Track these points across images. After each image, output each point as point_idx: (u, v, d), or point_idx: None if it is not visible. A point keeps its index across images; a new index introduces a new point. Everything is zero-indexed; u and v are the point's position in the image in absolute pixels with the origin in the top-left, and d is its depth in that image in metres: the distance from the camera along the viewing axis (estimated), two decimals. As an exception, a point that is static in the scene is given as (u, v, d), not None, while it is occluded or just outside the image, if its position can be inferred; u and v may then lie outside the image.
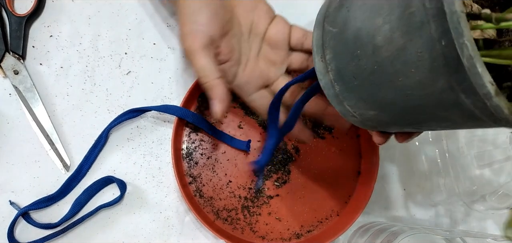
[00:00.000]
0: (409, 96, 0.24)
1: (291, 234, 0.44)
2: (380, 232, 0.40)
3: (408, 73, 0.23)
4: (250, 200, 0.44)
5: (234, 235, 0.43)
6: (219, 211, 0.44)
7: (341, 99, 0.28)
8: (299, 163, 0.46)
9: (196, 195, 0.44)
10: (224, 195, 0.44)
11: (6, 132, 0.43)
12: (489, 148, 0.45)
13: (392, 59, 0.23)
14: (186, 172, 0.44)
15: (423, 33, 0.21)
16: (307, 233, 0.45)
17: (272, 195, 0.45)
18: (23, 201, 0.42)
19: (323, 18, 0.29)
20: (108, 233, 0.43)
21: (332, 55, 0.28)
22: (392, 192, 0.48)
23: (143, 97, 0.45)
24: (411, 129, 0.29)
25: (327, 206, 0.45)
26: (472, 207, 0.45)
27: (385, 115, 0.27)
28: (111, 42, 0.46)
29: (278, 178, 0.45)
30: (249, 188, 0.44)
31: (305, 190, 0.45)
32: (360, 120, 0.29)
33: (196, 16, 0.35)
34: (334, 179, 0.46)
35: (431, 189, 0.47)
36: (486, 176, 0.45)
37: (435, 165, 0.46)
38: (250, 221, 0.44)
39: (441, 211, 0.49)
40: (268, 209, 0.45)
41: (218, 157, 0.44)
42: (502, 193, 0.43)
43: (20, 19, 0.44)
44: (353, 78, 0.26)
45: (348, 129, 0.46)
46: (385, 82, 0.24)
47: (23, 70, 0.44)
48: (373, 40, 0.24)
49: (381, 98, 0.26)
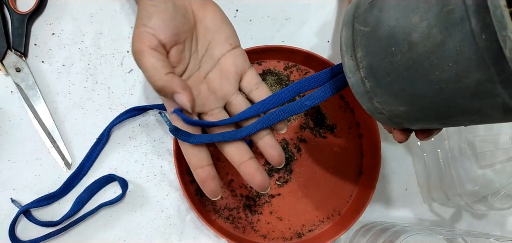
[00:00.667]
0: (444, 90, 0.25)
1: (292, 234, 0.44)
2: (382, 232, 0.40)
3: (445, 67, 0.24)
4: (252, 199, 0.44)
5: (236, 234, 0.43)
6: (221, 210, 0.44)
7: (371, 96, 0.29)
8: (301, 163, 0.46)
9: (198, 194, 0.44)
10: (226, 194, 0.44)
11: (7, 129, 0.43)
12: (491, 149, 0.45)
13: (429, 54, 0.24)
14: (188, 170, 0.44)
15: (463, 28, 0.22)
16: (308, 233, 0.45)
17: (273, 194, 0.45)
18: (24, 198, 0.42)
19: (352, 18, 0.30)
20: (109, 232, 0.43)
21: (364, 53, 0.29)
22: (394, 192, 0.48)
23: (145, 96, 0.45)
24: (438, 124, 0.30)
25: (329, 205, 0.45)
26: (474, 208, 0.45)
27: (415, 110, 0.28)
28: (113, 40, 0.46)
29: (279, 177, 0.45)
30: (251, 187, 0.44)
31: (307, 189, 0.45)
32: (387, 116, 0.30)
33: (149, 20, 0.33)
34: (336, 178, 0.46)
35: (433, 189, 0.47)
36: (488, 177, 0.44)
37: (437, 165, 0.46)
38: (251, 220, 0.44)
39: (442, 211, 0.48)
40: (269, 208, 0.44)
41: (220, 156, 0.44)
42: (504, 194, 0.43)
43: (22, 17, 0.44)
44: (386, 74, 0.27)
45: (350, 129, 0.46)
46: (420, 76, 0.25)
47: (25, 67, 0.44)
48: (409, 37, 0.25)
49: (414, 93, 0.27)
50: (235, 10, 0.48)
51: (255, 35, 0.48)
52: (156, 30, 0.33)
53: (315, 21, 0.49)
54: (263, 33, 0.48)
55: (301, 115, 0.46)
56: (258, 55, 0.46)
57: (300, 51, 0.45)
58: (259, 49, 0.45)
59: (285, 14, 0.49)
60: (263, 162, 0.45)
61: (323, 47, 0.49)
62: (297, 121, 0.46)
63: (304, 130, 0.46)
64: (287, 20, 0.49)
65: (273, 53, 0.46)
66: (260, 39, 0.48)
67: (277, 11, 0.49)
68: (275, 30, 0.49)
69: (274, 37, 0.49)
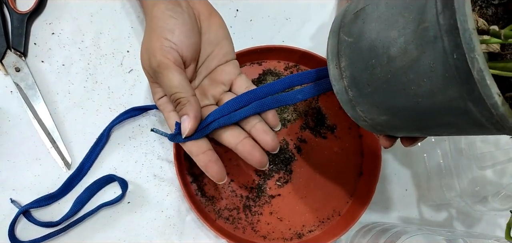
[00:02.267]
0: (420, 103, 0.25)
1: (292, 234, 0.44)
2: (382, 233, 0.40)
3: (420, 83, 0.24)
4: (252, 199, 0.44)
5: (236, 234, 0.43)
6: (221, 211, 0.44)
7: (354, 104, 0.30)
8: (301, 163, 0.46)
9: (198, 194, 0.44)
10: (226, 194, 0.44)
11: (7, 129, 0.43)
12: (491, 149, 0.45)
13: (406, 69, 0.25)
14: (188, 171, 0.44)
15: (436, 46, 0.23)
16: (308, 233, 0.45)
17: (273, 195, 0.45)
18: (24, 198, 0.42)
19: (338, 27, 0.31)
20: (109, 232, 0.43)
21: (347, 63, 0.29)
22: (394, 193, 0.48)
23: (145, 96, 0.45)
24: (419, 134, 0.30)
25: (329, 206, 0.45)
26: (474, 208, 0.45)
27: (395, 121, 0.29)
28: (113, 40, 0.46)
29: (280, 177, 0.45)
30: (251, 187, 0.44)
31: (307, 189, 0.45)
32: (370, 124, 0.31)
33: (172, 35, 0.34)
34: (336, 179, 0.46)
35: (433, 190, 0.47)
36: (488, 177, 0.44)
37: (437, 166, 0.46)
38: (251, 220, 0.44)
39: (443, 212, 0.48)
40: (269, 208, 0.44)
41: (220, 156, 0.44)
42: (504, 194, 0.43)
43: (22, 16, 0.44)
44: (367, 85, 0.28)
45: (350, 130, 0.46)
46: (398, 90, 0.26)
47: (24, 67, 0.44)
48: (388, 51, 0.26)
49: (393, 105, 0.27)
50: (235, 10, 0.48)
51: (255, 35, 0.48)
52: (179, 47, 0.34)
53: (316, 21, 0.49)
54: (264, 33, 0.48)
55: (302, 115, 0.46)
56: (258, 55, 0.46)
57: (299, 51, 0.45)
58: (259, 49, 0.44)
59: (286, 14, 0.49)
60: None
61: (323, 47, 0.49)
62: (297, 121, 0.46)
63: (304, 130, 0.46)
64: (287, 20, 0.49)
65: (273, 53, 0.46)
66: (260, 39, 0.48)
67: (277, 11, 0.49)
68: (275, 30, 0.49)
69: (274, 37, 0.48)
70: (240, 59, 0.41)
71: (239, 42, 0.47)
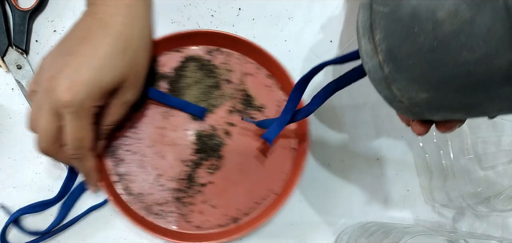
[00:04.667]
0: (472, 72, 0.23)
1: (228, 220, 0.43)
2: (384, 233, 0.40)
3: (474, 47, 0.22)
4: (182, 190, 0.43)
5: (168, 228, 0.42)
6: (150, 206, 0.42)
7: (389, 82, 0.27)
8: (231, 147, 0.44)
9: (124, 193, 0.42)
10: (154, 189, 0.43)
11: (8, 127, 0.43)
12: (493, 150, 0.45)
13: (456, 33, 0.22)
14: (112, 171, 0.43)
15: (495, 4, 0.21)
16: (245, 216, 0.43)
17: (205, 183, 0.43)
18: (24, 197, 0.42)
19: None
20: (110, 231, 0.43)
21: (383, 35, 0.27)
22: (396, 193, 0.48)
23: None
24: (462, 114, 0.28)
25: (264, 186, 0.44)
26: (476, 209, 0.45)
27: (438, 97, 0.26)
28: (114, 37, 0.45)
29: (210, 165, 0.44)
30: (180, 179, 0.43)
31: (240, 173, 0.44)
32: (407, 105, 0.28)
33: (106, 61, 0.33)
34: (270, 158, 0.45)
35: (435, 190, 0.47)
36: (490, 178, 0.44)
37: (439, 166, 0.46)
38: (183, 212, 0.43)
39: (444, 212, 0.48)
40: (201, 197, 0.43)
41: (145, 151, 0.43)
42: (507, 195, 0.43)
43: (23, 13, 0.44)
44: (407, 57, 0.25)
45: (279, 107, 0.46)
46: (445, 58, 0.24)
47: (26, 64, 0.43)
48: (434, 16, 0.23)
49: (438, 77, 0.25)
50: (238, 8, 0.48)
51: (257, 34, 0.48)
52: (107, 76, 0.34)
53: (318, 21, 0.49)
54: (266, 32, 0.48)
55: (228, 99, 0.45)
56: (177, 41, 0.45)
57: (220, 34, 0.44)
58: (177, 35, 0.43)
59: (288, 14, 0.49)
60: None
61: (326, 47, 0.49)
62: (224, 105, 0.45)
63: (232, 114, 0.45)
64: (290, 20, 0.49)
65: (193, 38, 0.45)
66: (263, 38, 0.48)
67: (280, 10, 0.49)
68: (278, 30, 0.49)
69: (276, 37, 0.48)
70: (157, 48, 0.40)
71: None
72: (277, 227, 0.45)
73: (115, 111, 0.37)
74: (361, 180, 0.47)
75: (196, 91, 0.44)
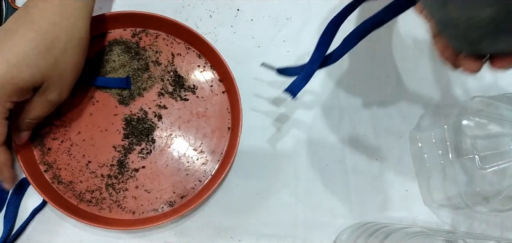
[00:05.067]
0: None
1: (163, 203, 0.42)
2: (383, 234, 0.40)
3: None
4: (114, 177, 0.42)
5: (102, 215, 0.41)
6: (82, 194, 0.41)
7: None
8: (163, 130, 0.44)
9: (54, 182, 0.41)
10: (85, 177, 0.42)
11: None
12: (492, 150, 0.45)
13: None
14: (40, 160, 0.42)
15: None
16: (181, 199, 0.43)
17: (137, 168, 0.43)
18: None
19: None
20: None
21: None
22: (395, 193, 0.47)
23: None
24: None
25: (200, 168, 0.44)
26: (475, 209, 0.45)
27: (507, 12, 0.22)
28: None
29: (142, 149, 0.43)
30: (111, 165, 0.42)
31: (173, 156, 0.43)
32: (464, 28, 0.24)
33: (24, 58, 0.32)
34: (206, 139, 0.44)
35: (433, 191, 0.47)
36: (489, 178, 0.44)
37: (438, 166, 0.46)
38: (117, 198, 0.42)
39: (443, 212, 0.48)
40: (135, 182, 0.42)
41: (73, 139, 0.42)
42: (505, 195, 0.43)
43: (19, 12, 0.43)
44: None
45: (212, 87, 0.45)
46: None
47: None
48: None
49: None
50: (236, 9, 0.48)
51: (256, 34, 0.48)
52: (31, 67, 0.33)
53: (317, 21, 0.49)
54: (264, 33, 0.48)
55: (158, 80, 0.44)
56: (102, 25, 0.44)
57: (145, 15, 0.44)
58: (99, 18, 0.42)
59: (287, 14, 0.49)
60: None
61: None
62: (154, 88, 0.44)
63: (163, 96, 0.44)
64: (288, 20, 0.49)
65: (118, 21, 0.44)
66: (261, 39, 0.48)
67: (278, 10, 0.49)
68: (276, 30, 0.48)
69: (275, 37, 0.48)
70: None
71: (240, 42, 0.47)
72: (276, 227, 0.45)
73: (37, 107, 0.36)
74: (360, 180, 0.47)
75: (123, 75, 0.44)
